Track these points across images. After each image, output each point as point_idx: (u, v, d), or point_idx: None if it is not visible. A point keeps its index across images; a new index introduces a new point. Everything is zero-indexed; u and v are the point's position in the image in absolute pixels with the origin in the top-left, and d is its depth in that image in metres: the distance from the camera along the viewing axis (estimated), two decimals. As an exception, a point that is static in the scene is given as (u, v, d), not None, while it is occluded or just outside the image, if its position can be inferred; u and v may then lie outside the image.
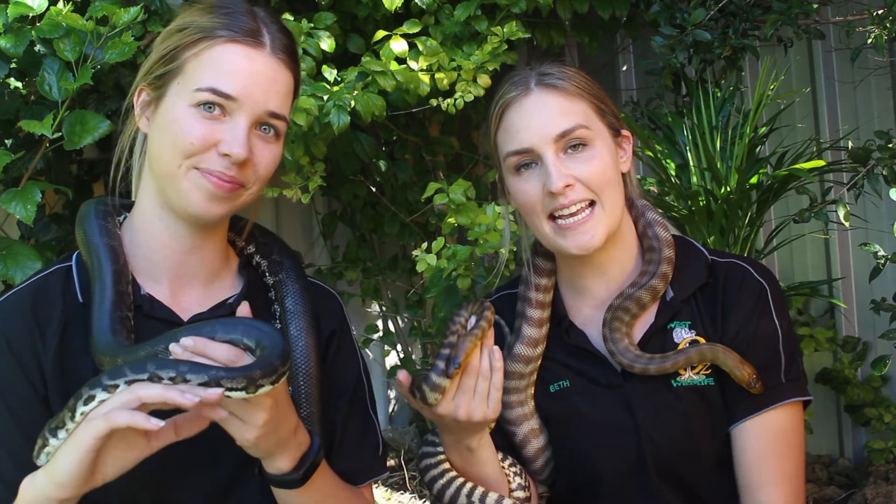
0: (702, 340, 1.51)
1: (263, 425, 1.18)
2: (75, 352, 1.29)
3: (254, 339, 1.17)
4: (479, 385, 1.39)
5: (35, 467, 1.18)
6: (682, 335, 1.52)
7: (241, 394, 1.11)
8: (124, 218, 1.40)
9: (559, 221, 1.47)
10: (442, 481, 1.46)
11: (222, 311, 1.38)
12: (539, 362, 1.57)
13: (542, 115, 1.47)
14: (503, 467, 1.50)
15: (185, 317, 1.36)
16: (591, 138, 1.47)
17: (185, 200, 1.29)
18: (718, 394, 1.50)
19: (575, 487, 1.55)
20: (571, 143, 1.46)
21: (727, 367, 1.46)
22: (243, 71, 1.29)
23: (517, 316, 1.58)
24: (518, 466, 1.53)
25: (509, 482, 1.50)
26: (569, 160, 1.46)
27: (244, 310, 1.23)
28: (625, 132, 1.56)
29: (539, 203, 1.47)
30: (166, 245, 1.35)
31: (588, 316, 1.57)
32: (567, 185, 1.44)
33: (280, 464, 1.25)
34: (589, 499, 1.54)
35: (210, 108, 1.27)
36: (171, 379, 1.10)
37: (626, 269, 1.56)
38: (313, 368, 1.40)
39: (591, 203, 1.47)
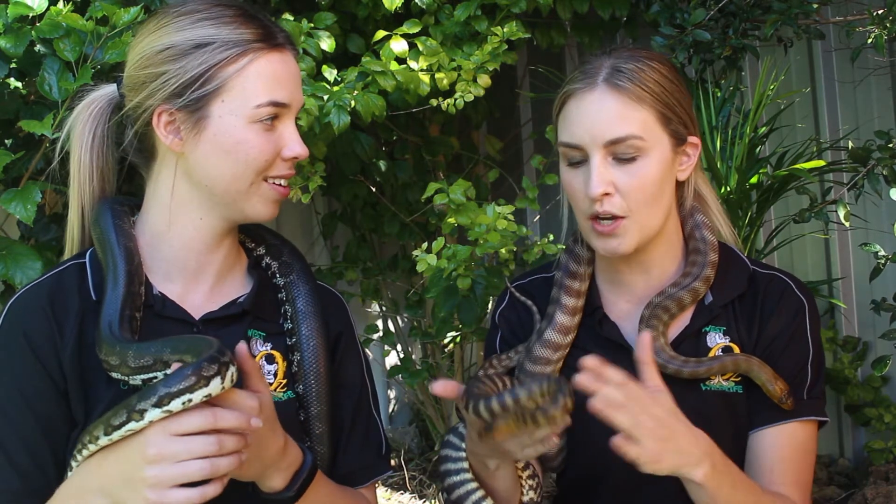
0: (735, 347, 1.50)
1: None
2: (91, 346, 1.29)
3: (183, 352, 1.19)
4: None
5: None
6: (716, 340, 1.52)
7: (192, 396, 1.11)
8: (136, 217, 1.42)
9: (597, 222, 1.46)
10: (456, 478, 1.45)
11: (233, 309, 1.40)
12: (567, 350, 1.55)
13: (599, 117, 1.44)
14: (520, 476, 1.48)
15: (197, 315, 1.37)
16: (643, 149, 1.43)
17: (255, 211, 1.36)
18: (745, 403, 1.50)
19: (584, 477, 1.55)
20: (621, 151, 1.43)
21: (760, 380, 1.45)
22: (287, 76, 1.34)
23: (551, 301, 1.57)
24: (536, 479, 1.50)
25: (522, 493, 1.48)
26: (614, 167, 1.44)
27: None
28: (692, 139, 1.51)
29: (582, 200, 1.47)
30: (192, 247, 1.38)
31: (624, 310, 1.56)
32: (605, 194, 1.43)
33: (272, 483, 1.26)
34: (596, 491, 1.53)
35: (269, 119, 1.32)
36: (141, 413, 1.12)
37: (667, 270, 1.55)
38: (323, 368, 1.43)
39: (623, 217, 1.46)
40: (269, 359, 1.42)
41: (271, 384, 1.41)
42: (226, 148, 1.31)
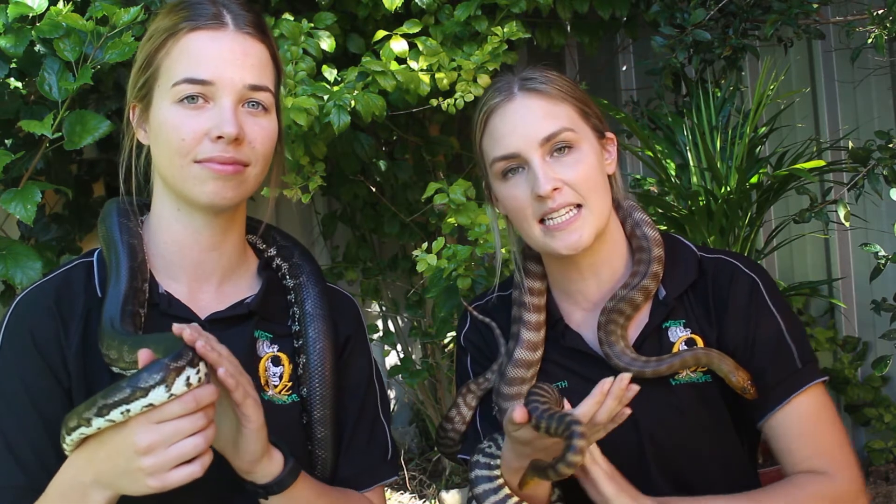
0: (698, 339, 1.51)
1: (264, 426, 1.20)
2: (95, 345, 1.29)
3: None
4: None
5: (54, 457, 1.22)
6: (678, 334, 1.52)
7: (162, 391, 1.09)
8: (145, 217, 1.42)
9: (548, 223, 1.47)
10: (495, 497, 1.44)
11: (240, 310, 1.39)
12: (539, 366, 1.56)
13: (527, 120, 1.47)
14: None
15: (203, 315, 1.36)
16: (576, 141, 1.47)
17: (195, 193, 1.30)
18: (717, 391, 1.50)
19: (572, 484, 1.55)
20: (557, 147, 1.46)
21: (722, 372, 1.46)
22: (211, 53, 1.29)
23: (514, 321, 1.58)
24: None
25: (552, 492, 1.49)
26: (555, 163, 1.46)
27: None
28: (609, 134, 1.56)
29: (528, 207, 1.47)
30: (185, 244, 1.37)
31: (581, 319, 1.57)
32: (555, 189, 1.44)
33: (272, 468, 1.25)
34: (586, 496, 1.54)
35: (192, 99, 1.28)
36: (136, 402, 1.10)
37: (616, 270, 1.57)
38: (328, 372, 1.41)
39: (579, 206, 1.47)
40: (276, 361, 1.41)
41: (276, 387, 1.40)
42: (156, 131, 1.32)
